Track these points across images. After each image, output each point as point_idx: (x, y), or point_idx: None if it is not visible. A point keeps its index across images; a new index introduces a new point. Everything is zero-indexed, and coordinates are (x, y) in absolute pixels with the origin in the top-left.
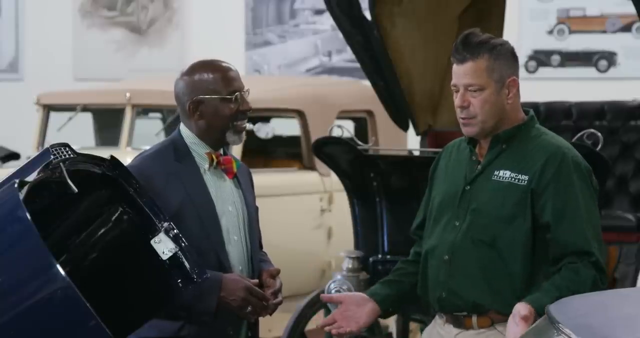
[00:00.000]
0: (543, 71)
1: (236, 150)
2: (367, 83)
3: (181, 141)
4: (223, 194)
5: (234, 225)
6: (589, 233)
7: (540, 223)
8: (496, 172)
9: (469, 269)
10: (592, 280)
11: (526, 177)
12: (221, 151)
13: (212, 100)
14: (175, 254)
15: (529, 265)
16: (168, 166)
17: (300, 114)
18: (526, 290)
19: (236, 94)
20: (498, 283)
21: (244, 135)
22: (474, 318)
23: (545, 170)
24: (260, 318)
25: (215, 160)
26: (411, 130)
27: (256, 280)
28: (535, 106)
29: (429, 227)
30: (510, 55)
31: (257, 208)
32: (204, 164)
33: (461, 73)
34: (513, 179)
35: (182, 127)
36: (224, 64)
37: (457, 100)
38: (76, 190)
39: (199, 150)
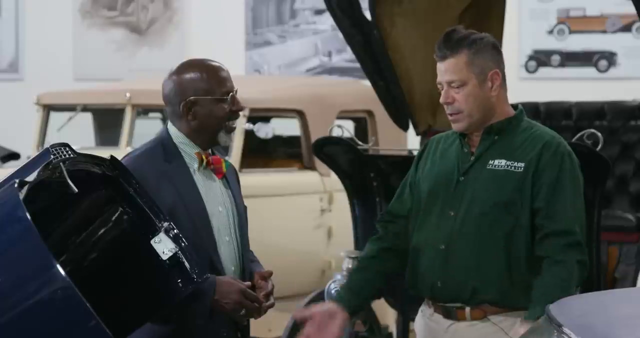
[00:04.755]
0: (543, 71)
1: (236, 150)
2: (367, 83)
3: (170, 141)
4: (213, 195)
5: (224, 226)
6: (572, 217)
7: (534, 208)
8: (491, 162)
9: (467, 258)
10: (579, 268)
11: (522, 164)
12: (210, 151)
13: (206, 101)
14: (175, 254)
15: (529, 251)
16: (158, 166)
17: (300, 114)
18: (525, 276)
19: (230, 94)
20: (496, 271)
21: (233, 135)
22: (467, 310)
23: (542, 157)
24: (257, 319)
25: (205, 161)
26: (411, 130)
27: (249, 283)
28: (535, 106)
29: (417, 219)
30: (491, 48)
31: (245, 207)
32: (193, 164)
33: (443, 70)
34: (509, 167)
35: (170, 127)
36: (215, 64)
37: (441, 97)
38: (76, 190)
39: (189, 150)
